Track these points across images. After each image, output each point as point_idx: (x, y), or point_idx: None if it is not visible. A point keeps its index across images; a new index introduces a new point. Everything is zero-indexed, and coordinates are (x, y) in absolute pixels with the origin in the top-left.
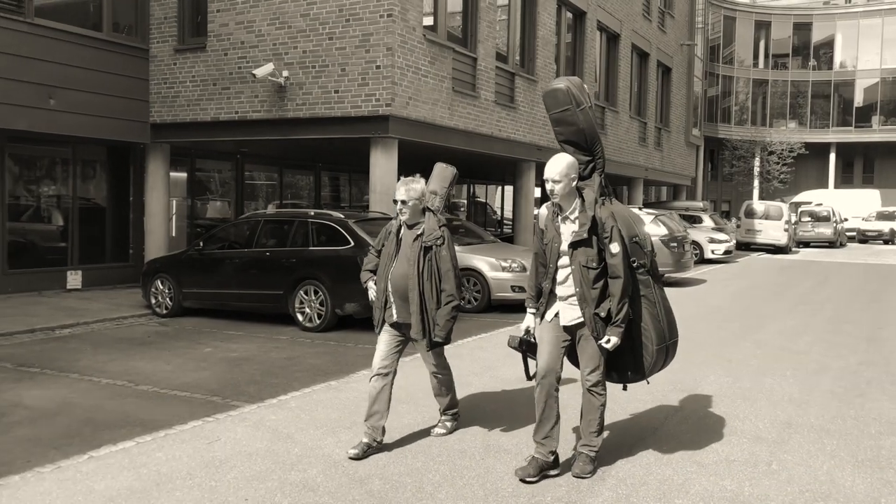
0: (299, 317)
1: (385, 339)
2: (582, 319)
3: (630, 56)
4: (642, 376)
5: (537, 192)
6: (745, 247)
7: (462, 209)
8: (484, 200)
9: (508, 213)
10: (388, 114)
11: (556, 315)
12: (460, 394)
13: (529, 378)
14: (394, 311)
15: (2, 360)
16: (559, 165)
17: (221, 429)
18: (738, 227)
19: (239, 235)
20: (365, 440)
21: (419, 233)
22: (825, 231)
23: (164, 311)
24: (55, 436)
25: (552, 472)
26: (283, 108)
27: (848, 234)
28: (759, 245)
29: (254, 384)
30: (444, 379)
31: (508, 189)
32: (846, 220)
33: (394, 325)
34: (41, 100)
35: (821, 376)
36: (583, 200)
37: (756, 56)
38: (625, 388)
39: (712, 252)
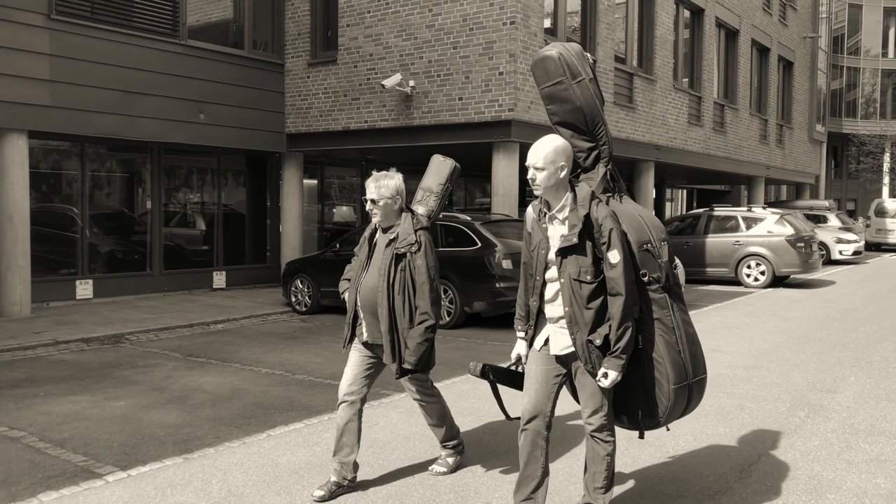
0: None
1: (354, 360)
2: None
3: (750, 52)
4: (657, 422)
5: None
6: (875, 247)
7: None
8: None
9: None
10: (510, 118)
11: (547, 342)
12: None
13: (509, 418)
14: (364, 330)
15: (172, 351)
16: (544, 149)
17: (378, 414)
18: (867, 226)
19: None
20: (333, 479)
21: (392, 237)
22: None
23: (304, 309)
24: (234, 416)
25: None
26: (410, 117)
27: None
28: (892, 245)
29: None
30: (430, 408)
31: None
32: None
33: (366, 345)
34: (192, 114)
35: None
36: (575, 196)
37: (885, 45)
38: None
39: (840, 253)
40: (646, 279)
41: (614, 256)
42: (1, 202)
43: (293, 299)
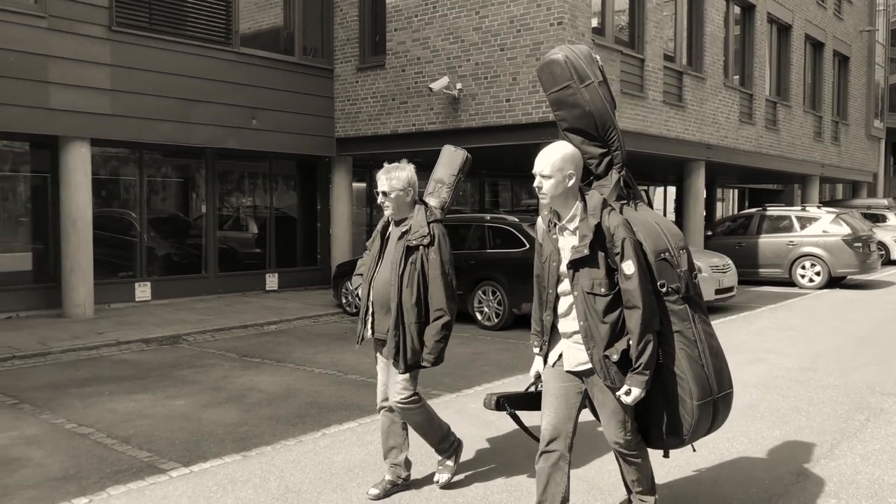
0: (478, 315)
1: (382, 365)
2: (591, 365)
3: (803, 47)
4: (681, 440)
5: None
6: None
7: None
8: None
9: (670, 216)
10: None
11: (560, 357)
12: None
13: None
14: (370, 325)
15: (228, 351)
16: (550, 156)
17: None
18: None
19: None
20: (388, 477)
21: (405, 230)
22: None
23: (354, 310)
24: (289, 415)
25: None
26: (457, 119)
27: None
28: None
29: (448, 376)
30: (414, 414)
31: (671, 189)
32: None
33: (377, 342)
34: (245, 120)
35: None
36: (585, 205)
37: None
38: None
39: None
40: (664, 290)
41: (629, 267)
42: (65, 207)
43: (344, 301)
